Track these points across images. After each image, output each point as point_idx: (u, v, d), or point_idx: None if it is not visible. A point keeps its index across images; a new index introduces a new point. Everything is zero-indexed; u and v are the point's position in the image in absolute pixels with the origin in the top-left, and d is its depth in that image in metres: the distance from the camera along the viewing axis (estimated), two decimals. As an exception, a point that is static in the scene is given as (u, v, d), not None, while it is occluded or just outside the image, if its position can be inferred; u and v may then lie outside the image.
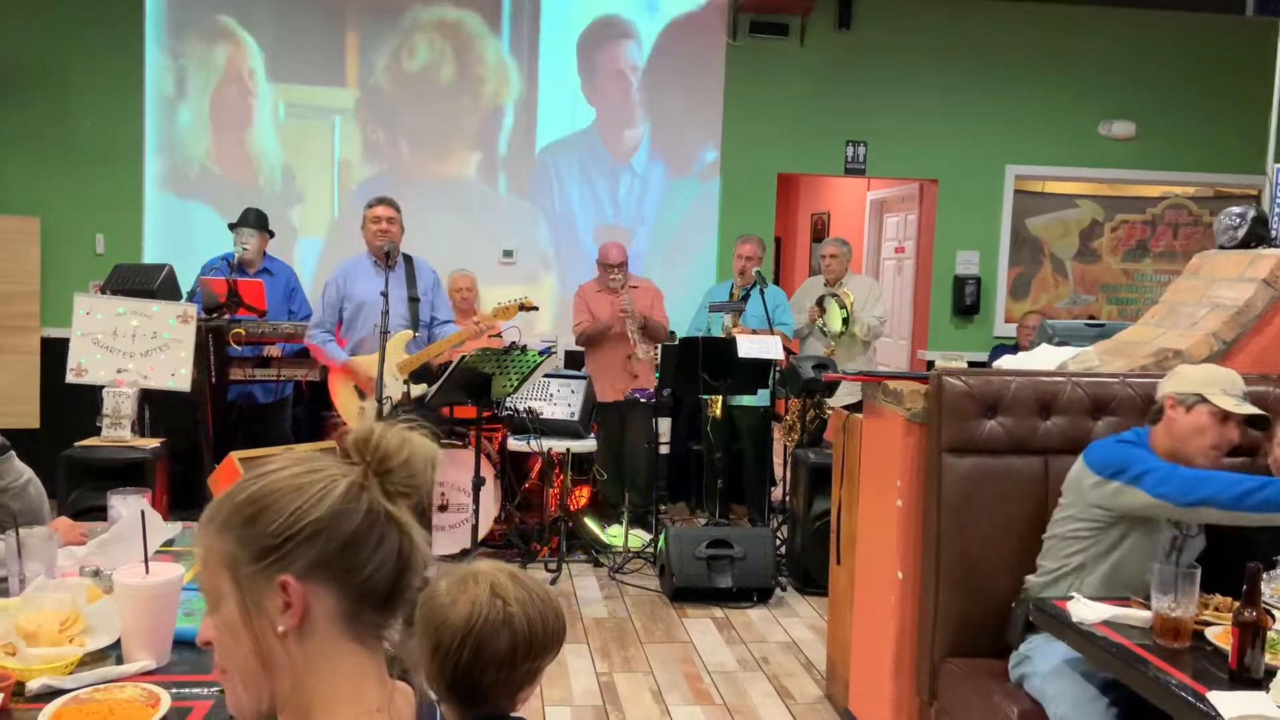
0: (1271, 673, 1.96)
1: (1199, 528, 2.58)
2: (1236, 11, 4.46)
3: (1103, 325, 3.95)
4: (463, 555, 5.05)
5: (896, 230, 7.95)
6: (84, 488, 3.80)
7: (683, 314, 6.15)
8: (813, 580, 4.83)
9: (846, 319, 5.75)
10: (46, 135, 6.32)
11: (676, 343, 5.47)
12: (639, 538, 5.51)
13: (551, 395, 5.62)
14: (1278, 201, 3.59)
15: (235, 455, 3.48)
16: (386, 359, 4.54)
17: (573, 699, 3.71)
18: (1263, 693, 1.91)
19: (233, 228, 5.61)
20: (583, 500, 5.81)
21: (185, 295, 4.92)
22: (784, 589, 4.95)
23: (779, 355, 5.13)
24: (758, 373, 5.20)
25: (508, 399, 5.15)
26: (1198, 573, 2.17)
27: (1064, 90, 7.04)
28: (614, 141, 6.83)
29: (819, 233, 9.91)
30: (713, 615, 4.66)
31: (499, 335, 5.31)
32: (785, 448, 5.78)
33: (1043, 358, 3.38)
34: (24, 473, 2.60)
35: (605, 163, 6.83)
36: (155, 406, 4.52)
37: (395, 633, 1.07)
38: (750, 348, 5.06)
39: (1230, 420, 2.50)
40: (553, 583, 4.94)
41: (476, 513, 4.80)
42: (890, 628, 3.10)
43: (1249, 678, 1.97)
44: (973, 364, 4.16)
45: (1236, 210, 3.44)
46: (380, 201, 4.89)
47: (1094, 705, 2.37)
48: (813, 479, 4.85)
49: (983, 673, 2.76)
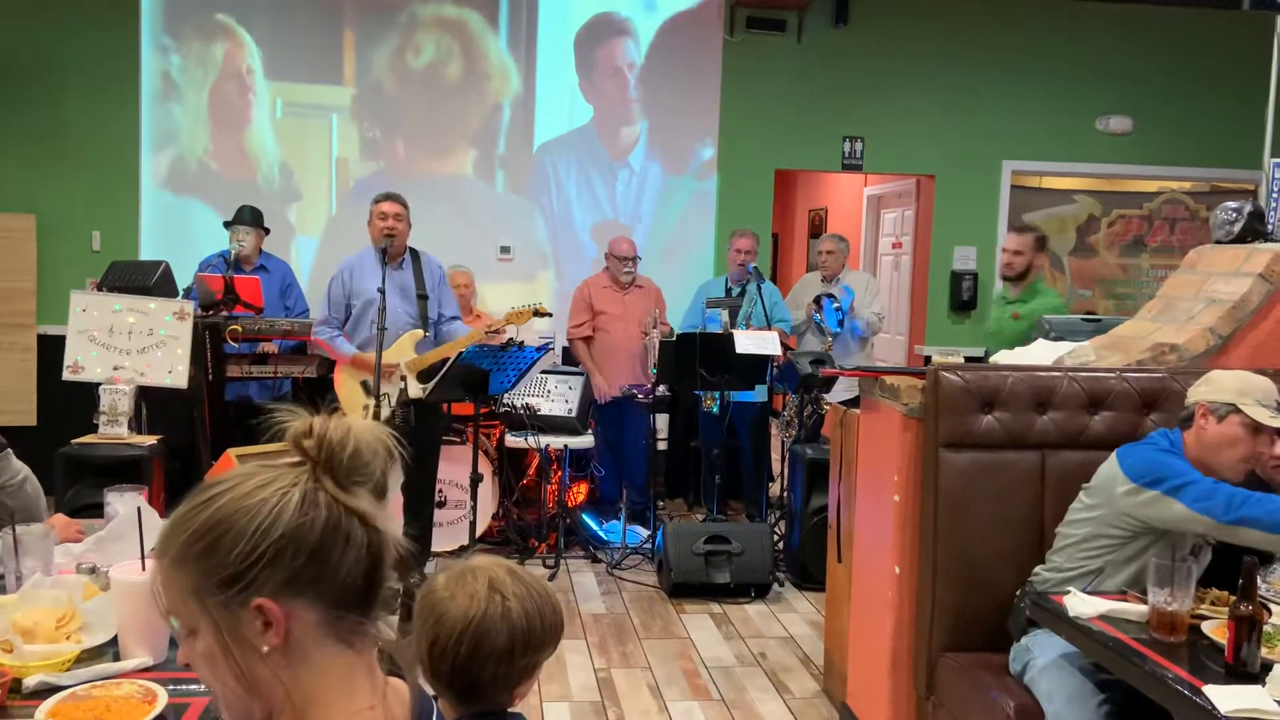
0: (1267, 666, 1.96)
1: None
2: (1233, 6, 4.46)
3: (1099, 320, 3.96)
4: (460, 551, 5.06)
5: (894, 226, 7.95)
6: (81, 485, 3.78)
7: (680, 311, 6.16)
8: (810, 575, 4.85)
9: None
10: (43, 132, 6.30)
11: (674, 339, 5.47)
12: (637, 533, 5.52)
13: (549, 391, 5.62)
14: (1274, 196, 3.59)
15: (232, 452, 3.47)
16: (399, 360, 4.57)
17: (571, 694, 3.72)
18: (1259, 686, 1.92)
19: (228, 225, 5.62)
20: (580, 496, 5.82)
21: (182, 292, 4.91)
22: (781, 584, 4.95)
23: (776, 351, 5.13)
24: (755, 368, 5.20)
25: (505, 395, 5.15)
26: (1194, 566, 2.17)
27: (1061, 86, 7.03)
28: (611, 139, 6.82)
29: (816, 229, 9.90)
30: (710, 611, 4.66)
31: (497, 332, 5.31)
32: (783, 443, 5.79)
33: (1039, 353, 3.39)
34: (21, 470, 2.61)
35: (603, 160, 6.82)
36: (152, 403, 4.50)
37: (384, 627, 1.05)
38: (748, 344, 5.05)
39: (1263, 433, 2.43)
40: (551, 578, 4.94)
41: (474, 509, 4.81)
42: (887, 622, 3.10)
43: (1245, 671, 1.97)
44: (969, 359, 4.17)
45: (1233, 205, 3.44)
46: (387, 197, 4.86)
47: (1090, 700, 2.37)
48: (810, 474, 4.86)
49: (980, 667, 2.76)
